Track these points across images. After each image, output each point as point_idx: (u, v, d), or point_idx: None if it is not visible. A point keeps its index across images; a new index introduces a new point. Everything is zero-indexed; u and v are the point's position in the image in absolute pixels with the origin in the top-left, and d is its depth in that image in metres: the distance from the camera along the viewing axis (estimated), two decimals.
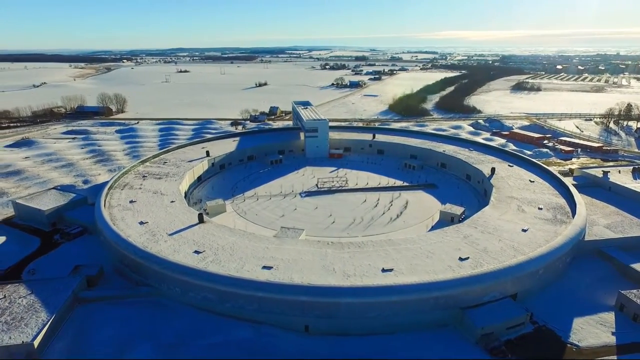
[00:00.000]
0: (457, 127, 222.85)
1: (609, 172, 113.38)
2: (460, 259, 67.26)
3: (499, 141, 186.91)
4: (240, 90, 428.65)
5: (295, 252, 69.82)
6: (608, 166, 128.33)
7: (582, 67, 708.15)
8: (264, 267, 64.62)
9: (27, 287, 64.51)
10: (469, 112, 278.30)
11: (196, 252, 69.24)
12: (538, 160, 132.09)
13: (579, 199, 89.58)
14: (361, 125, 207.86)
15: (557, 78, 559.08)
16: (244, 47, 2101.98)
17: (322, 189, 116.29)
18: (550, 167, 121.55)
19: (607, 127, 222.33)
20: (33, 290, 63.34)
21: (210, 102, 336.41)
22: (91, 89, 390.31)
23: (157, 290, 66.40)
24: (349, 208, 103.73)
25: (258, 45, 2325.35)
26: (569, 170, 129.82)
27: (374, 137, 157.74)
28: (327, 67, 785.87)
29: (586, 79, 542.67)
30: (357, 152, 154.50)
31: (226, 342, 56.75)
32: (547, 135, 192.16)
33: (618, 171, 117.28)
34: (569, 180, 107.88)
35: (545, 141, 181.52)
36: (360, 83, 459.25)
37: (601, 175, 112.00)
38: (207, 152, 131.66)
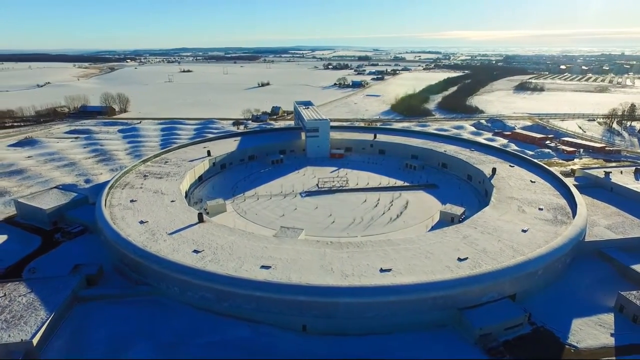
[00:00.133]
0: (459, 127, 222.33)
1: (611, 172, 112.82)
2: (459, 259, 67.16)
3: (500, 141, 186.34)
4: (243, 90, 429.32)
5: (294, 252, 69.92)
6: (610, 167, 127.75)
7: (586, 67, 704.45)
8: (262, 266, 64.76)
9: (27, 285, 64.98)
10: (472, 112, 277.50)
11: (195, 251, 69.48)
12: (540, 160, 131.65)
13: (579, 200, 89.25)
14: (362, 125, 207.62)
15: (561, 78, 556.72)
16: (247, 47, 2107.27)
17: (323, 189, 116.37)
18: (552, 168, 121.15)
19: (610, 128, 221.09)
20: (33, 289, 63.81)
21: (213, 101, 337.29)
22: (95, 89, 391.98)
23: (156, 290, 66.68)
24: (349, 208, 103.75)
25: (261, 45, 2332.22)
26: (571, 170, 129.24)
27: (375, 137, 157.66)
28: (329, 67, 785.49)
29: (590, 79, 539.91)
30: (358, 152, 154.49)
31: (224, 341, 56.95)
32: (550, 136, 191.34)
33: (620, 172, 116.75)
34: (570, 180, 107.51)
35: (548, 141, 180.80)
36: (363, 83, 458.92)
37: (603, 175, 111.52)
38: (208, 152, 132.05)
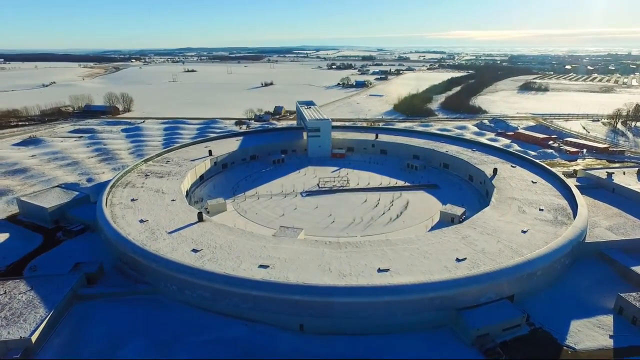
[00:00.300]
0: (462, 128, 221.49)
1: (613, 173, 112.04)
2: (457, 259, 66.99)
3: (503, 142, 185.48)
4: (246, 90, 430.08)
5: (293, 252, 70.02)
6: (613, 167, 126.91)
7: (591, 67, 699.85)
8: (260, 266, 64.93)
9: (27, 283, 65.54)
10: (475, 112, 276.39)
11: (194, 250, 69.78)
12: (542, 161, 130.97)
13: (580, 201, 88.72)
14: (365, 125, 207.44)
15: (566, 78, 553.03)
16: (251, 47, 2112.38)
17: (323, 189, 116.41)
18: (555, 168, 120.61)
19: (615, 128, 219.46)
20: (33, 287, 64.37)
21: (215, 101, 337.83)
22: (99, 89, 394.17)
23: (155, 288, 67.05)
24: (349, 208, 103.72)
25: (266, 45, 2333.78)
26: (573, 171, 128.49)
27: (376, 137, 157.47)
28: (333, 66, 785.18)
29: (595, 79, 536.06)
30: (359, 152, 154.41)
31: (220, 339, 57.16)
32: (553, 136, 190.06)
33: (623, 172, 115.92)
34: (572, 181, 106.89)
35: (551, 142, 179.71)
36: (366, 83, 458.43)
37: (605, 176, 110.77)
38: (210, 152, 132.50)
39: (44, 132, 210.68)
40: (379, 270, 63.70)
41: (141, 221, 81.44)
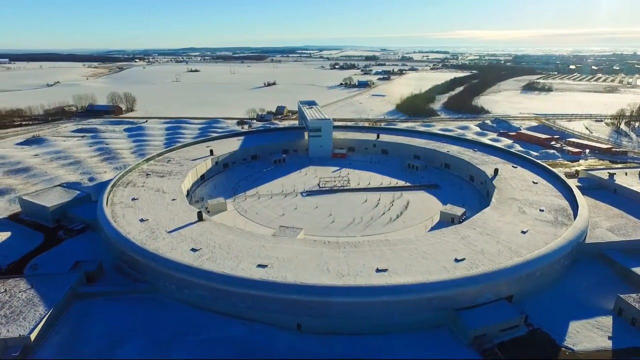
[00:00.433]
0: (464, 128, 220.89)
1: (615, 174, 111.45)
2: (456, 260, 66.86)
3: (505, 142, 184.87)
4: (249, 90, 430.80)
5: (291, 251, 70.10)
6: (616, 168, 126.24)
7: (596, 67, 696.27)
8: (258, 265, 65.07)
9: (27, 281, 66.00)
10: (477, 112, 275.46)
11: (193, 249, 70.02)
12: (544, 161, 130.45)
13: (581, 201, 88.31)
14: (366, 125, 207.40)
15: (570, 78, 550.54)
16: (255, 47, 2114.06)
17: (324, 189, 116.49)
18: (556, 169, 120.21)
19: (618, 129, 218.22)
20: (33, 285, 64.81)
21: (217, 101, 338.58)
22: (103, 88, 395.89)
23: (154, 287, 67.31)
24: (350, 208, 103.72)
25: (269, 45, 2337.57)
26: (575, 172, 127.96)
27: (378, 137, 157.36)
28: (336, 66, 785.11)
29: (600, 79, 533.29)
30: (361, 152, 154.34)
31: (218, 338, 57.36)
32: (555, 137, 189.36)
33: (625, 173, 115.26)
34: (573, 182, 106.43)
35: (553, 142, 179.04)
36: (369, 83, 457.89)
37: (607, 177, 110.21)
38: (211, 151, 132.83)
39: (47, 131, 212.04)
40: (377, 270, 63.66)
41: (141, 220, 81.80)
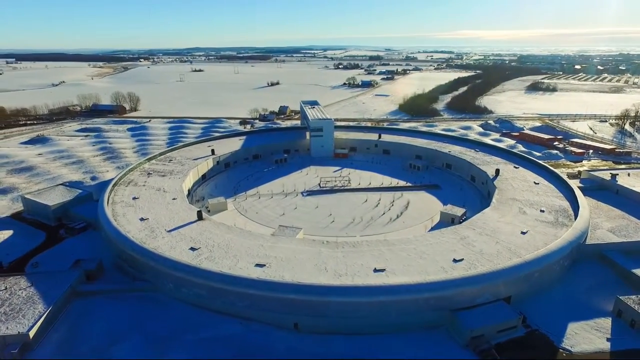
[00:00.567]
0: (467, 128, 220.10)
1: (617, 174, 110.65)
2: (454, 260, 66.70)
3: (508, 142, 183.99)
4: (253, 90, 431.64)
5: (290, 251, 70.23)
6: (618, 169, 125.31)
7: (602, 67, 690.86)
8: (256, 264, 65.24)
9: (28, 279, 66.57)
10: (480, 112, 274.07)
11: (192, 248, 70.34)
12: (546, 162, 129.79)
13: (582, 202, 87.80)
14: (368, 125, 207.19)
15: (575, 78, 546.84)
16: (259, 46, 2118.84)
17: (324, 189, 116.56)
18: (559, 169, 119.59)
19: (622, 129, 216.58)
20: (33, 283, 65.35)
21: (221, 101, 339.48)
22: (107, 88, 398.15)
23: (153, 286, 67.67)
24: (350, 208, 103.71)
25: (273, 45, 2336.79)
26: (578, 172, 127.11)
27: (379, 137, 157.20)
28: (340, 66, 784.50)
29: (605, 80, 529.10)
30: (362, 152, 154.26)
31: (216, 337, 57.59)
32: (558, 137, 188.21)
33: (627, 174, 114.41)
34: (575, 182, 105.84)
35: (556, 142, 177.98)
36: (372, 83, 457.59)
37: (609, 177, 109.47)
38: (213, 151, 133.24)
39: (51, 130, 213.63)
40: (375, 270, 63.64)
41: (141, 219, 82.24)
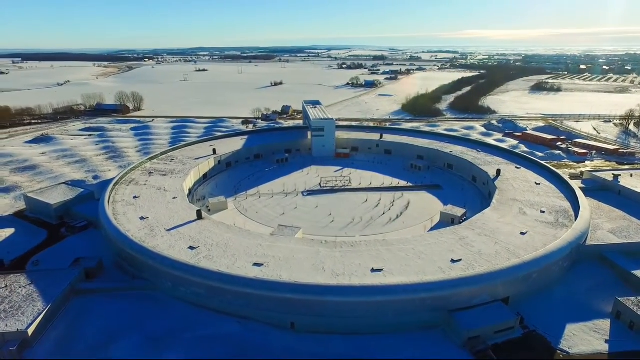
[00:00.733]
0: (469, 128, 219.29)
1: (620, 175, 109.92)
2: (453, 260, 66.57)
3: (510, 142, 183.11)
4: (256, 89, 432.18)
5: (288, 250, 70.38)
6: (621, 169, 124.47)
7: (607, 67, 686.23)
8: (254, 264, 65.42)
9: (28, 277, 67.15)
10: (483, 112, 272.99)
11: (191, 247, 70.64)
12: (549, 162, 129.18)
13: (583, 203, 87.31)
14: (370, 125, 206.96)
15: (580, 78, 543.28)
16: (263, 46, 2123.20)
17: (325, 188, 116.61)
18: (561, 170, 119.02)
19: (627, 129, 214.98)
20: (33, 281, 65.92)
21: (224, 100, 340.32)
22: (112, 88, 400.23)
23: (152, 284, 68.07)
24: (350, 208, 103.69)
25: (278, 45, 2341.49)
26: (580, 173, 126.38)
27: (381, 137, 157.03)
28: (344, 66, 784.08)
29: (611, 80, 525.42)
30: (364, 152, 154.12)
31: (213, 336, 57.79)
32: (561, 137, 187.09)
33: (630, 175, 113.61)
34: (577, 183, 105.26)
35: (559, 143, 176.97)
36: (376, 82, 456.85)
37: (612, 178, 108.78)
38: (214, 150, 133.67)
39: (55, 130, 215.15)
40: (373, 270, 63.65)
41: (141, 218, 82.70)
